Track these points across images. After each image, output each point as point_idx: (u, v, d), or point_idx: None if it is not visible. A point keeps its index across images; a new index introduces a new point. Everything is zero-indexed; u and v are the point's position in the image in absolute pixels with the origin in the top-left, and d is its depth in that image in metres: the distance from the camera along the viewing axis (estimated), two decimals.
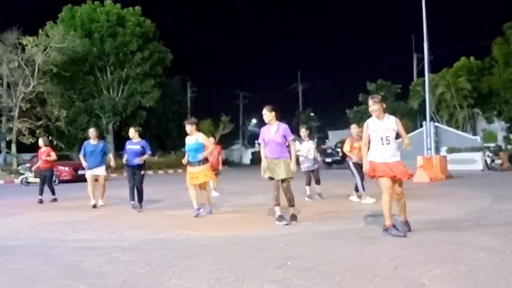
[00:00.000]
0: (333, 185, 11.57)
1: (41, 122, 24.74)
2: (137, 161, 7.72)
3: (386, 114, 4.92)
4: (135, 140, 7.92)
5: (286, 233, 5.14)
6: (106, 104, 29.33)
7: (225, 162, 37.68)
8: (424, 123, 21.38)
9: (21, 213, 7.92)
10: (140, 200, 7.72)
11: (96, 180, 8.82)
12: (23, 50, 24.54)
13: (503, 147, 22.85)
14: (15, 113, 24.14)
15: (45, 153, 9.80)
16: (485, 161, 19.71)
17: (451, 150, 21.27)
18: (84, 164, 8.84)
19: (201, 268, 3.62)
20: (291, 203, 5.85)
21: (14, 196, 9.97)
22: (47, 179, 9.81)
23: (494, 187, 10.69)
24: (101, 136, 31.58)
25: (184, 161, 7.02)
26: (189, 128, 6.88)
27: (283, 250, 4.23)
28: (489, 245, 4.17)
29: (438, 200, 8.24)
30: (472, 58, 29.85)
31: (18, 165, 21.88)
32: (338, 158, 25.20)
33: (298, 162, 6.56)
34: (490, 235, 4.70)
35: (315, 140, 9.65)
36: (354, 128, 8.50)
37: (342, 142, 27.70)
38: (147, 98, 30.48)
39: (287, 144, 5.92)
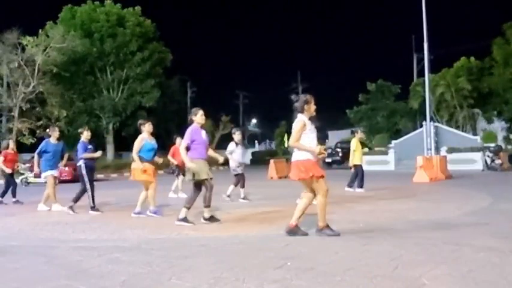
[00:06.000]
0: (332, 185, 11.53)
1: (41, 122, 24.73)
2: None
3: None
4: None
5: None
6: (106, 104, 29.34)
7: (226, 162, 37.73)
8: (424, 123, 21.37)
9: (21, 213, 7.92)
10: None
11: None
12: (23, 50, 24.55)
13: (503, 147, 22.82)
14: (15, 113, 24.13)
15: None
16: (485, 161, 19.70)
17: (451, 150, 21.25)
18: (36, 169, 8.59)
19: (201, 268, 3.62)
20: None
21: None
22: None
23: (494, 187, 10.69)
24: (101, 136, 31.26)
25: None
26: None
27: (283, 250, 4.23)
28: (489, 245, 4.17)
29: (438, 200, 8.24)
30: (472, 58, 29.78)
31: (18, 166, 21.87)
32: (338, 158, 25.20)
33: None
34: (490, 235, 4.69)
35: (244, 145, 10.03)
36: None
37: (342, 142, 27.92)
38: (147, 98, 30.48)
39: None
